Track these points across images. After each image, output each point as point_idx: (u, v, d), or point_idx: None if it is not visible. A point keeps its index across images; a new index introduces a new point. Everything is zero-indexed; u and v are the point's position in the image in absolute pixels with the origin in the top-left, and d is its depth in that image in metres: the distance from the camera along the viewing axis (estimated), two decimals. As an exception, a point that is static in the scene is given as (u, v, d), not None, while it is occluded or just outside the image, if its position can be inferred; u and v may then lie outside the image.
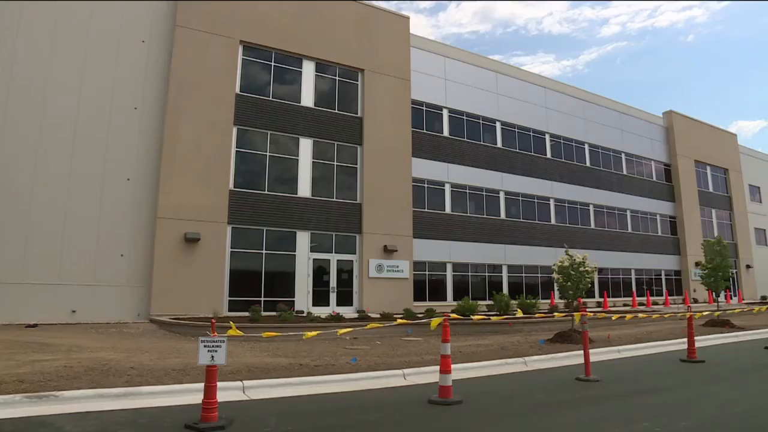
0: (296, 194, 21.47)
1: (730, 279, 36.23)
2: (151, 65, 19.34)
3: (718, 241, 21.03)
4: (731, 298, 37.77)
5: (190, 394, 6.64)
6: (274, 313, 17.36)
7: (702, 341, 13.10)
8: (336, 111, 22.92)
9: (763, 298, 39.66)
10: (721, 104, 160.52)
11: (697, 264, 26.39)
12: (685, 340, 10.88)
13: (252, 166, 20.80)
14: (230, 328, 6.61)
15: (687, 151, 40.54)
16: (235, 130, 20.38)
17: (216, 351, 5.66)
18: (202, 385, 5.67)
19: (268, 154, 21.12)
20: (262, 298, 19.49)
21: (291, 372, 8.42)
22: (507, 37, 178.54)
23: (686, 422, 5.73)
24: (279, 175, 21.34)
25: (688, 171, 40.49)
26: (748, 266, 43.17)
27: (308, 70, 22.50)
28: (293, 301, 20.31)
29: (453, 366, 7.42)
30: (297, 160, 21.72)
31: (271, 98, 21.48)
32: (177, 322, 15.94)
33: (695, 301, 34.33)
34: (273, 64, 21.74)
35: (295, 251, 20.98)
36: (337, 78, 23.21)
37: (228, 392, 6.84)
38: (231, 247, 19.65)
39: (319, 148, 22.29)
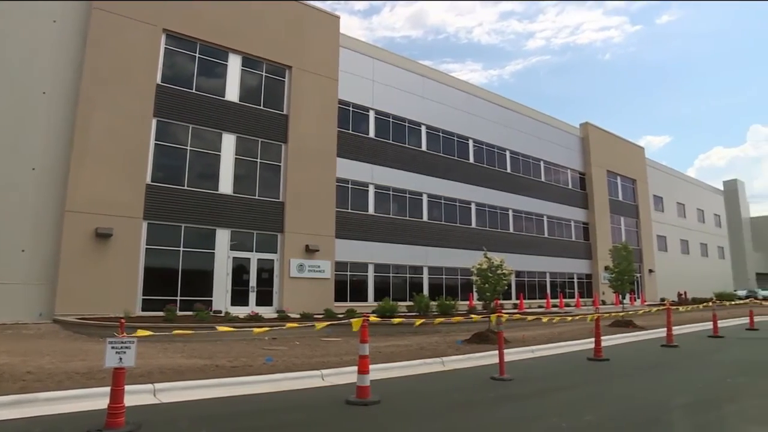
0: (217, 191, 21.30)
1: (635, 282, 39.34)
2: (63, 48, 18.44)
3: (625, 246, 22.72)
4: (635, 300, 40.84)
5: (95, 399, 6.37)
6: (190, 313, 17.17)
7: (608, 341, 14.08)
8: (262, 107, 22.87)
9: (662, 300, 43.01)
10: (631, 119, 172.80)
11: (606, 268, 28.29)
12: (593, 339, 11.69)
13: (172, 160, 20.38)
14: (141, 328, 6.51)
15: (600, 161, 43.36)
16: (154, 121, 19.90)
17: (124, 352, 5.49)
18: (108, 389, 5.51)
19: (189, 148, 20.76)
20: (179, 298, 19.21)
21: (206, 374, 8.33)
22: (438, 43, 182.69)
23: (591, 416, 6.16)
24: (200, 170, 21.09)
25: (601, 180, 43.34)
26: (650, 270, 46.82)
27: (234, 64, 22.30)
28: (211, 300, 20.18)
29: (372, 366, 7.60)
30: (219, 155, 21.53)
31: (194, 91, 21.16)
32: (83, 322, 15.36)
33: (604, 303, 36.83)
34: (198, 55, 21.38)
35: (214, 249, 20.79)
36: (264, 74, 23.15)
37: (137, 396, 6.64)
38: (146, 244, 19.23)
39: (243, 144, 22.17)
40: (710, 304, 23.86)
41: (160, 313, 16.54)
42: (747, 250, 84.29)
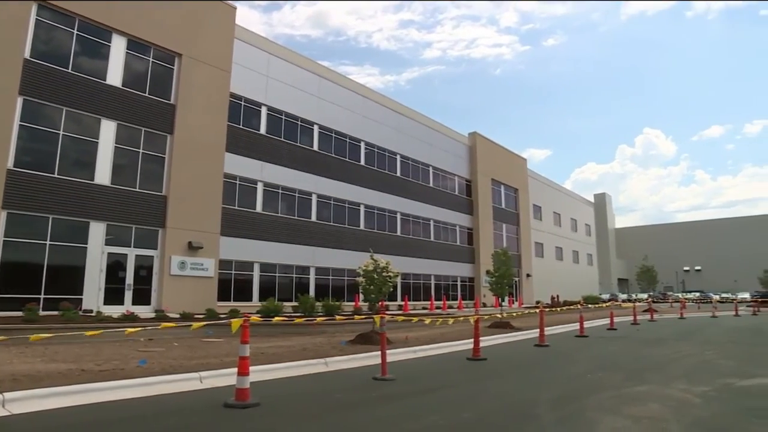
0: (93, 181, 20.20)
1: (513, 286, 42.07)
2: None
3: (504, 252, 24.35)
4: (513, 303, 43.71)
5: None
6: (56, 313, 16.16)
7: (486, 341, 15.00)
8: (147, 95, 22.03)
9: (538, 302, 46.37)
10: (517, 132, 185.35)
11: (487, 272, 30.00)
12: (473, 340, 12.43)
13: (41, 144, 19.08)
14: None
15: (486, 169, 45.96)
16: (20, 100, 18.48)
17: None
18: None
19: (62, 133, 19.52)
20: (42, 296, 18.01)
21: (70, 379, 7.74)
22: (338, 45, 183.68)
23: (468, 414, 6.42)
24: (75, 157, 19.95)
25: (486, 188, 45.96)
26: (528, 275, 50.41)
27: (119, 46, 21.27)
28: (81, 299, 19.13)
29: (254, 368, 7.59)
30: (97, 143, 20.47)
31: (70, 71, 19.91)
32: None
33: (484, 305, 39.14)
34: (76, 32, 20.12)
35: (87, 244, 19.71)
36: (151, 59, 22.30)
37: (-21, 409, 5.97)
38: (4, 236, 17.76)
39: (125, 132, 21.22)
40: (578, 306, 26.32)
41: (20, 313, 15.40)
42: (611, 257, 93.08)
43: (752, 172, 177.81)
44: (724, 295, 67.77)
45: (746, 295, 58.50)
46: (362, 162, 34.00)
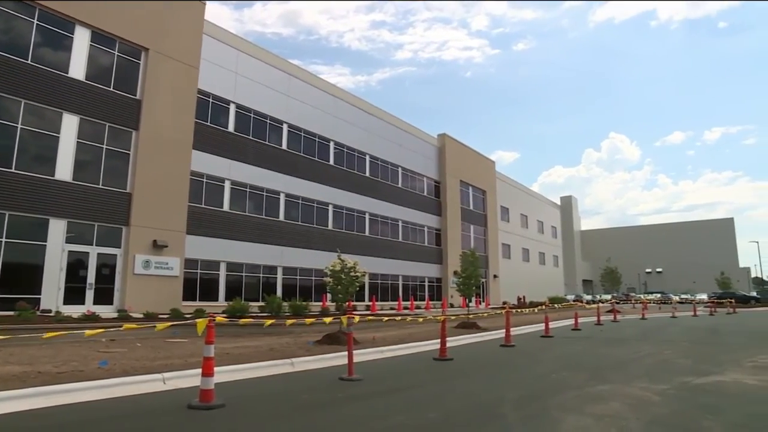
0: (54, 176, 19.64)
1: (480, 286, 42.46)
2: None
3: (472, 253, 24.53)
4: (480, 304, 44.10)
5: None
6: (11, 313, 15.65)
7: (453, 341, 15.03)
8: (111, 89, 21.56)
9: (504, 303, 46.93)
10: (486, 134, 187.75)
11: (455, 273, 30.23)
12: (440, 340, 12.42)
13: (-2, 138, 18.35)
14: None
15: (454, 171, 46.34)
16: (-26, 91, 17.80)
17: None
18: None
19: (20, 126, 18.94)
20: (-3, 295, 17.36)
21: (25, 382, 7.44)
22: (309, 44, 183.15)
23: (435, 414, 6.47)
24: (34, 152, 19.38)
25: (454, 189, 46.35)
26: (495, 276, 51.01)
27: (82, 37, 20.75)
28: (39, 298, 18.56)
29: (219, 368, 7.52)
30: (58, 137, 19.90)
31: (30, 62, 19.32)
32: None
33: (452, 305, 39.40)
34: (36, 22, 19.54)
35: (46, 241, 19.19)
36: (116, 53, 21.85)
37: None
38: (-43, 233, 17.13)
39: (88, 127, 20.73)
40: (544, 307, 26.73)
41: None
42: (577, 259, 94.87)
43: (711, 177, 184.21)
44: (683, 296, 69.76)
45: (704, 296, 60.35)
46: (331, 162, 33.91)
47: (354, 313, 10.33)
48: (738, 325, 24.46)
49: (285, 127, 30.66)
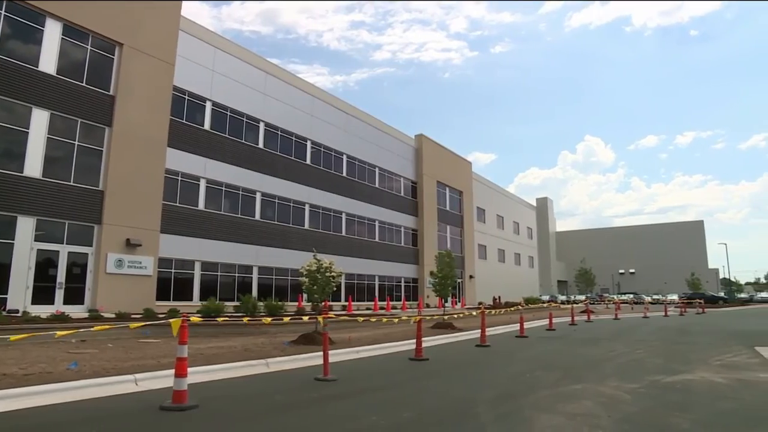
0: (22, 173, 19.20)
1: (456, 287, 42.76)
2: None
3: (448, 254, 24.70)
4: (456, 304, 44.39)
5: None
6: (-23, 312, 15.25)
7: (429, 341, 15.13)
8: (84, 84, 21.16)
9: (480, 303, 47.27)
10: (463, 135, 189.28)
11: (431, 273, 30.43)
12: (415, 340, 12.52)
13: (-36, 133, 17.87)
14: None
15: (431, 171, 46.51)
16: (-61, 85, 17.32)
17: None
18: None
19: (-13, 121, 18.40)
20: (-38, 294, 16.91)
21: None
22: (287, 43, 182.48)
23: (409, 413, 6.50)
24: (1, 147, 18.91)
25: (431, 190, 46.52)
26: (471, 276, 51.30)
27: (53, 31, 20.33)
28: (5, 298, 18.15)
29: (193, 369, 7.45)
30: (27, 133, 19.44)
31: (-2, 55, 18.77)
32: None
33: (428, 306, 39.56)
34: (4, 13, 19.01)
35: (13, 239, 18.75)
36: (89, 48, 21.45)
37: None
38: None
39: (59, 123, 20.33)
40: (519, 307, 26.96)
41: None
42: (552, 260, 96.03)
43: (682, 180, 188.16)
44: (655, 296, 71.15)
45: (675, 297, 61.60)
46: (308, 161, 33.76)
47: (330, 313, 10.29)
48: (706, 324, 25.07)
49: (262, 126, 30.44)
